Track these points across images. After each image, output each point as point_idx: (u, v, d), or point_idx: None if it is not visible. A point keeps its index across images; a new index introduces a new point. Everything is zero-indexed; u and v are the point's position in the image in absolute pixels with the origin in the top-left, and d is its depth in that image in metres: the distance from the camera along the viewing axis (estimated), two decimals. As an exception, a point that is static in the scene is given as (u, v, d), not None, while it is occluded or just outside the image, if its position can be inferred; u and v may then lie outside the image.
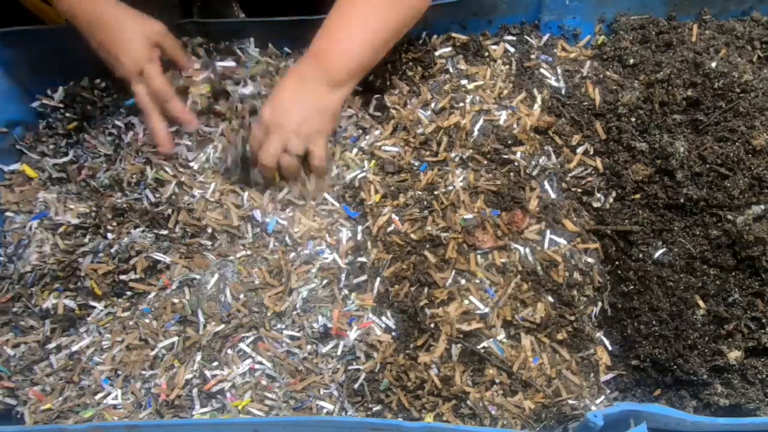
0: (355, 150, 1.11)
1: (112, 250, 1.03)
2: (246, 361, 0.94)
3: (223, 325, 0.97)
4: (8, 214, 1.13)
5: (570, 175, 1.06)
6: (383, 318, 0.97)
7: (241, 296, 0.99)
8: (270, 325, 0.97)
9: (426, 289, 0.96)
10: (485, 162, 1.05)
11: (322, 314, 0.96)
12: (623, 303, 1.00)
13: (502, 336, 0.92)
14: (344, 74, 1.01)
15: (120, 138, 1.16)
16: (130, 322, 1.00)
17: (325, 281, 0.99)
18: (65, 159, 1.16)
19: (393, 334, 0.97)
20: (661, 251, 0.99)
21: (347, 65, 1.00)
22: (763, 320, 0.93)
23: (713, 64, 1.05)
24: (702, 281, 0.96)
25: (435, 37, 1.20)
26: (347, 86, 1.02)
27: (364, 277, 0.99)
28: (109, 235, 1.05)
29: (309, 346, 0.96)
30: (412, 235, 1.00)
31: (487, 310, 0.93)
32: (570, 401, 0.89)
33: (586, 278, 0.98)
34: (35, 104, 1.23)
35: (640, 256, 0.99)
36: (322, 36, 1.00)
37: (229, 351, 0.95)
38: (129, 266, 1.03)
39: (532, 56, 1.17)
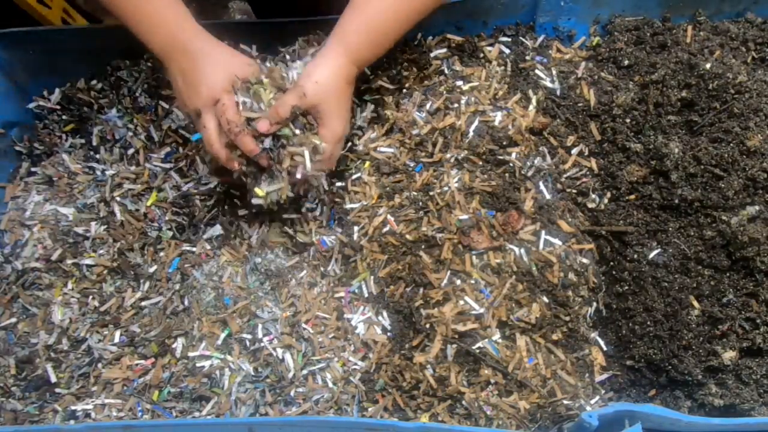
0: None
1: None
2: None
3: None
4: (6, 214, 1.14)
5: (565, 175, 1.06)
6: (379, 318, 0.97)
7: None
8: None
9: (421, 290, 0.96)
10: (480, 163, 1.05)
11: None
12: (618, 303, 1.00)
13: (497, 336, 0.93)
14: (369, 61, 1.02)
15: (115, 140, 1.16)
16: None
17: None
18: (63, 158, 1.17)
19: (388, 334, 0.97)
20: (655, 252, 0.99)
21: (370, 62, 1.02)
22: (758, 320, 0.93)
23: (708, 66, 1.06)
24: (696, 282, 0.96)
25: (430, 38, 1.21)
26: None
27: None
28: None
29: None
30: (408, 236, 1.00)
31: (482, 310, 0.93)
32: (565, 401, 0.89)
33: (581, 279, 0.98)
34: (32, 105, 1.23)
35: (635, 256, 0.99)
36: (361, 30, 0.97)
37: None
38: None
39: (527, 57, 1.18)
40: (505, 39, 1.21)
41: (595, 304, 1.00)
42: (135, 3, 0.94)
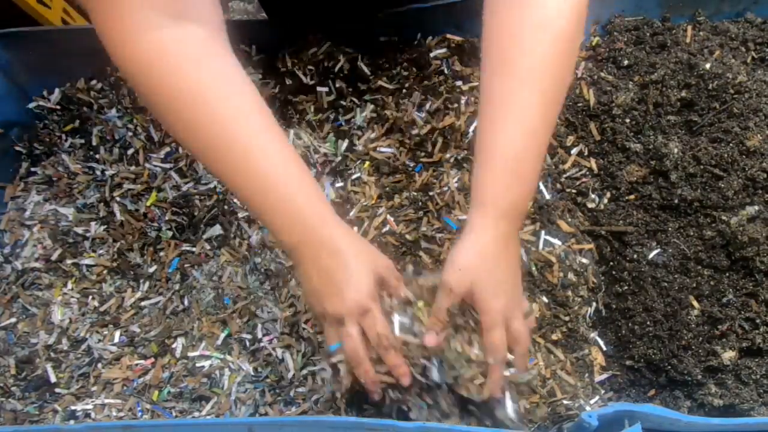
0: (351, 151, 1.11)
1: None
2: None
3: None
4: (6, 214, 1.14)
5: (564, 175, 1.06)
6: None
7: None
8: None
9: (421, 290, 0.96)
10: (480, 163, 1.05)
11: None
12: (618, 303, 1.00)
13: (496, 336, 0.93)
14: (527, 209, 0.84)
15: (115, 140, 1.16)
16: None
17: None
18: (62, 158, 1.17)
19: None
20: (655, 252, 0.99)
21: (530, 200, 0.84)
22: (757, 320, 0.93)
23: (707, 66, 1.06)
24: (696, 282, 0.96)
25: (430, 38, 1.21)
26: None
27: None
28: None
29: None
30: (407, 236, 1.00)
31: (481, 310, 0.93)
32: (564, 401, 0.89)
33: (580, 279, 0.98)
34: (32, 105, 1.23)
35: (635, 256, 0.99)
36: (500, 179, 0.79)
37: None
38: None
39: (528, 57, 1.17)
40: (504, 39, 1.20)
41: (594, 304, 1.00)
42: (263, 191, 0.76)
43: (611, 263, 1.02)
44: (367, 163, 1.09)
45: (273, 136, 0.76)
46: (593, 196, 1.06)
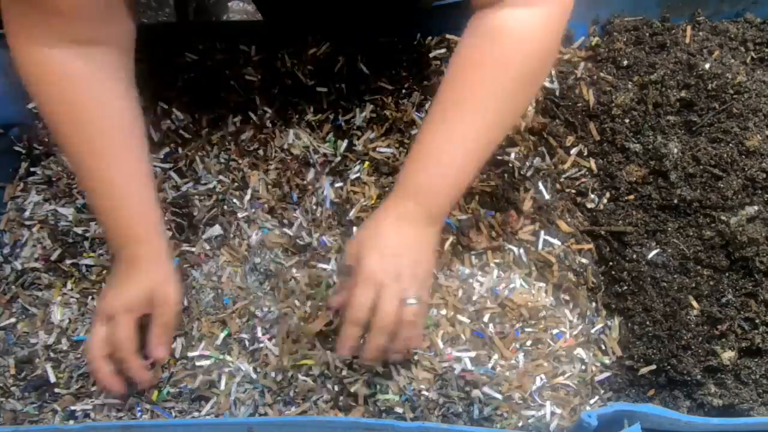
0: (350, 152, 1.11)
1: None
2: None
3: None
4: (5, 214, 1.14)
5: (564, 176, 1.07)
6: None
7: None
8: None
9: (420, 290, 0.96)
10: (479, 163, 1.05)
11: None
12: (617, 303, 1.00)
13: (496, 336, 0.93)
14: (446, 208, 0.88)
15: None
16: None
17: None
18: (62, 158, 1.17)
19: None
20: (654, 252, 0.99)
21: (450, 199, 0.87)
22: (757, 320, 0.93)
23: (707, 66, 1.06)
24: (695, 282, 0.97)
25: (429, 38, 1.21)
26: (445, 217, 0.90)
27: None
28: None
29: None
30: (407, 236, 1.00)
31: (481, 310, 0.93)
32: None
33: (580, 279, 0.98)
34: (31, 105, 1.23)
35: (634, 256, 0.99)
36: (418, 166, 0.84)
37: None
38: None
39: (527, 58, 1.17)
40: (504, 39, 1.20)
41: (594, 304, 1.00)
42: (102, 201, 0.88)
43: (611, 263, 1.02)
44: (367, 163, 1.09)
45: (129, 154, 0.87)
46: (593, 196, 1.06)
